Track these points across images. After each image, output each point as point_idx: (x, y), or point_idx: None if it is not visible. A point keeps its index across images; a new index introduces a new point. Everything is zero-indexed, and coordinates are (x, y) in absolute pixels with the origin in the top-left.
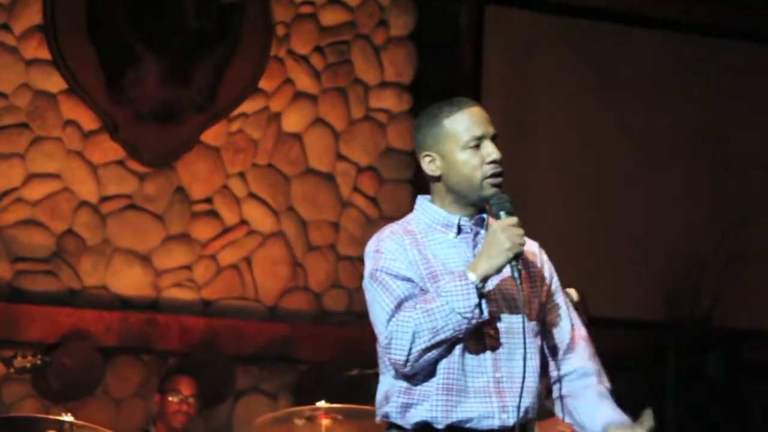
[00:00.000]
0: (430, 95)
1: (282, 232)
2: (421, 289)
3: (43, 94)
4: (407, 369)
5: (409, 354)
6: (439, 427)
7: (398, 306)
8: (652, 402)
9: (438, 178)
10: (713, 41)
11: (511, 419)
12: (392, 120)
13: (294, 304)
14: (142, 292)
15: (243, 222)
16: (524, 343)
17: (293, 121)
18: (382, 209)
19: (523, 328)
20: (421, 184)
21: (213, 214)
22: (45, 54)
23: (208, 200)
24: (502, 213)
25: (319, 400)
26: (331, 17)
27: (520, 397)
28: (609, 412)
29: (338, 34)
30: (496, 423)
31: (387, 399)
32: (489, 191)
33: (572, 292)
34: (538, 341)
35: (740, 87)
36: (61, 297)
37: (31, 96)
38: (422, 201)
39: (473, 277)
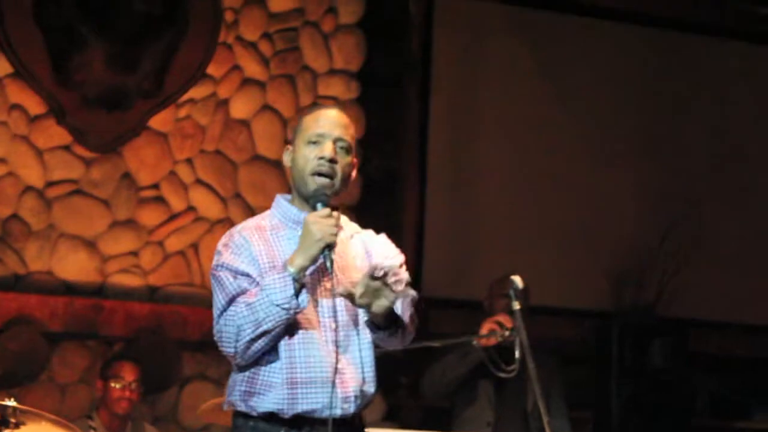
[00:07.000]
0: (378, 83)
1: (229, 218)
2: (258, 284)
3: None
4: (238, 360)
5: (236, 347)
6: (285, 417)
7: (229, 302)
8: (596, 391)
9: (290, 170)
10: (662, 33)
11: (351, 408)
12: (340, 108)
13: None
14: (87, 278)
15: (190, 208)
16: (357, 332)
17: (241, 107)
18: None
19: (356, 318)
20: (367, 171)
21: (160, 200)
22: None
23: (155, 186)
24: (318, 205)
25: None
26: (279, 4)
27: (363, 383)
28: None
29: (287, 20)
30: (337, 412)
31: (233, 387)
32: (312, 186)
33: (517, 279)
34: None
35: (688, 81)
36: (6, 282)
37: None
38: (279, 199)
39: (291, 269)
